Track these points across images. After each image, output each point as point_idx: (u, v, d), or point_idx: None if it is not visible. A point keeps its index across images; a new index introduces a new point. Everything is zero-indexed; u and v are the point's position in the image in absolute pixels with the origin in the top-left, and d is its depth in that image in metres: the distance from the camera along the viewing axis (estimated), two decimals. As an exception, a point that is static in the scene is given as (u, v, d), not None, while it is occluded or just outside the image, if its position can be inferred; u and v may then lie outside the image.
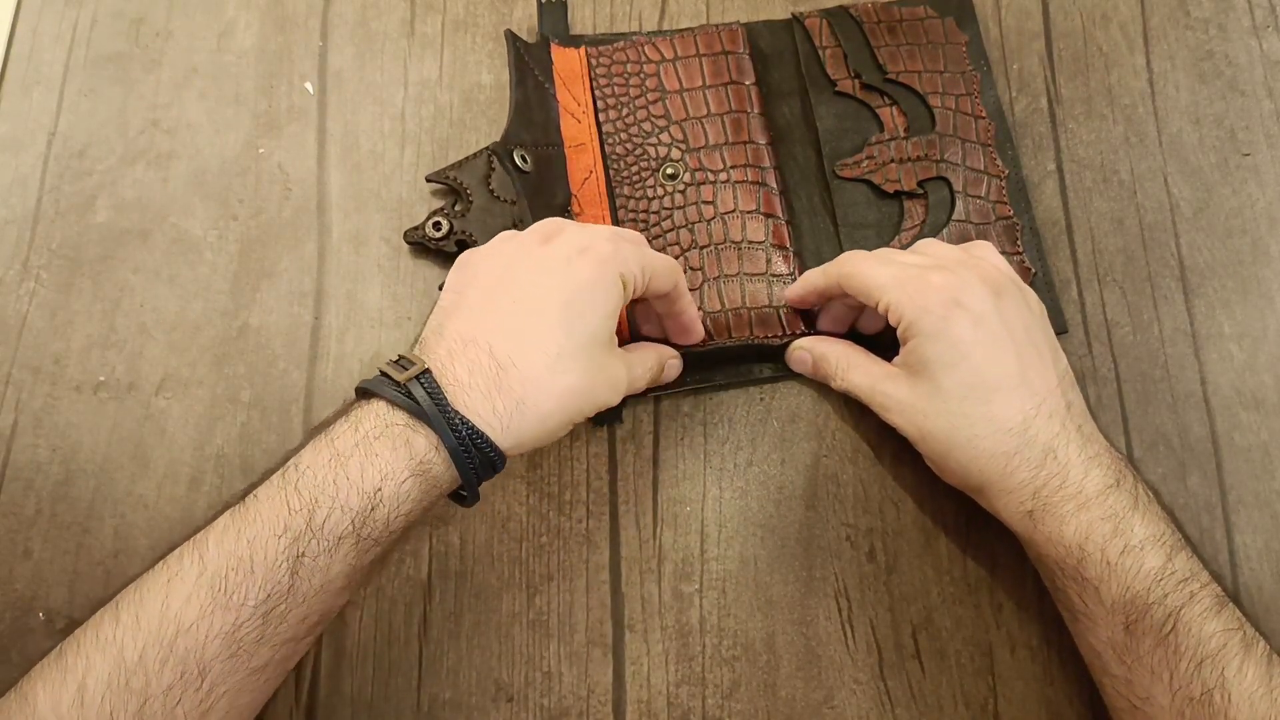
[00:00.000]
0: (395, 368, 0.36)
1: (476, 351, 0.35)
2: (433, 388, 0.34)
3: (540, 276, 0.37)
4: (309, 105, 0.51)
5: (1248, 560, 0.43)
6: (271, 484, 0.35)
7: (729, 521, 0.44)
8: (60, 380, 0.46)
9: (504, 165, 0.45)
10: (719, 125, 0.49)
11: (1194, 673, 0.35)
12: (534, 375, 0.35)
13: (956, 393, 0.38)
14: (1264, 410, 0.45)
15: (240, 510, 0.35)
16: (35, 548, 0.43)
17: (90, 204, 0.49)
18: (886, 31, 0.51)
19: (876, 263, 0.40)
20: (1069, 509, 0.37)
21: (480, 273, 0.38)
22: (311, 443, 0.35)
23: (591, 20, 0.53)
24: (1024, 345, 0.38)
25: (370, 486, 0.34)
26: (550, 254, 0.37)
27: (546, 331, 0.36)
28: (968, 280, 0.38)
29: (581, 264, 0.37)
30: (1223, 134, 0.50)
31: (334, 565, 0.34)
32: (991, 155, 0.48)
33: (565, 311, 0.36)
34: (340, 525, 0.33)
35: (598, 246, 0.37)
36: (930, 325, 0.38)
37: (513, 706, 0.42)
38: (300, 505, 0.33)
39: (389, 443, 0.34)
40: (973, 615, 0.43)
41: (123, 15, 0.53)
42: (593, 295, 0.36)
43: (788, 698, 0.42)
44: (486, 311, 0.36)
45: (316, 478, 0.34)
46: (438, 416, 0.34)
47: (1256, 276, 0.47)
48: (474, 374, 0.35)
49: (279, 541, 0.33)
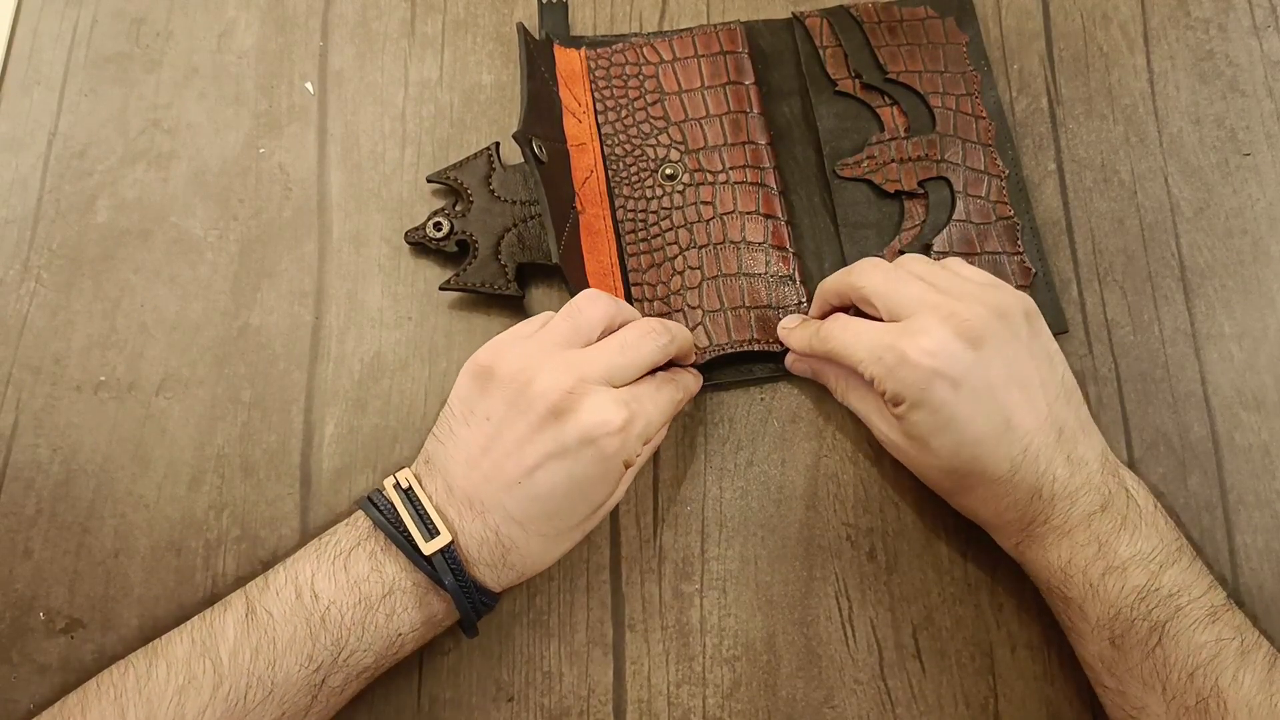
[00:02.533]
0: (416, 520, 0.37)
1: (483, 527, 0.37)
2: (455, 563, 0.37)
3: (548, 463, 0.37)
4: (309, 105, 0.51)
5: (1248, 560, 0.43)
6: (285, 602, 0.36)
7: (729, 521, 0.44)
8: (61, 380, 0.46)
9: (525, 153, 0.44)
10: (718, 126, 0.49)
11: (1186, 683, 0.35)
12: (534, 554, 0.38)
13: (945, 452, 0.39)
14: (1264, 410, 0.45)
15: (252, 624, 0.36)
16: (35, 547, 0.43)
17: (91, 204, 0.49)
18: (887, 31, 0.51)
19: (853, 335, 0.40)
20: (1052, 539, 0.38)
21: (495, 416, 0.38)
22: (328, 569, 0.37)
23: (592, 21, 0.53)
24: (1008, 390, 0.38)
25: (394, 633, 0.37)
26: (560, 438, 0.37)
27: (546, 519, 0.38)
28: (944, 341, 0.37)
29: (587, 457, 0.37)
30: (1223, 134, 0.50)
31: (350, 689, 0.38)
32: (992, 155, 0.48)
33: (566, 500, 0.38)
34: (364, 661, 0.37)
35: (605, 442, 0.36)
36: (911, 397, 0.38)
37: (513, 706, 0.42)
38: (328, 641, 0.36)
39: (415, 600, 0.37)
40: (973, 615, 0.43)
41: (123, 15, 0.53)
42: (594, 486, 0.38)
43: (788, 697, 0.42)
44: (493, 479, 0.37)
45: (344, 618, 0.36)
46: (458, 592, 0.37)
47: (1257, 276, 0.47)
48: (482, 549, 0.38)
49: (302, 670, 0.36)
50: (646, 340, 0.40)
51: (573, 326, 0.39)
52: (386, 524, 0.37)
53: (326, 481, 0.45)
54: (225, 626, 0.36)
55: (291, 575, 0.37)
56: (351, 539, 0.38)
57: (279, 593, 0.37)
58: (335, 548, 0.38)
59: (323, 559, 0.37)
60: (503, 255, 0.47)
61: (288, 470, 0.45)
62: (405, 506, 0.37)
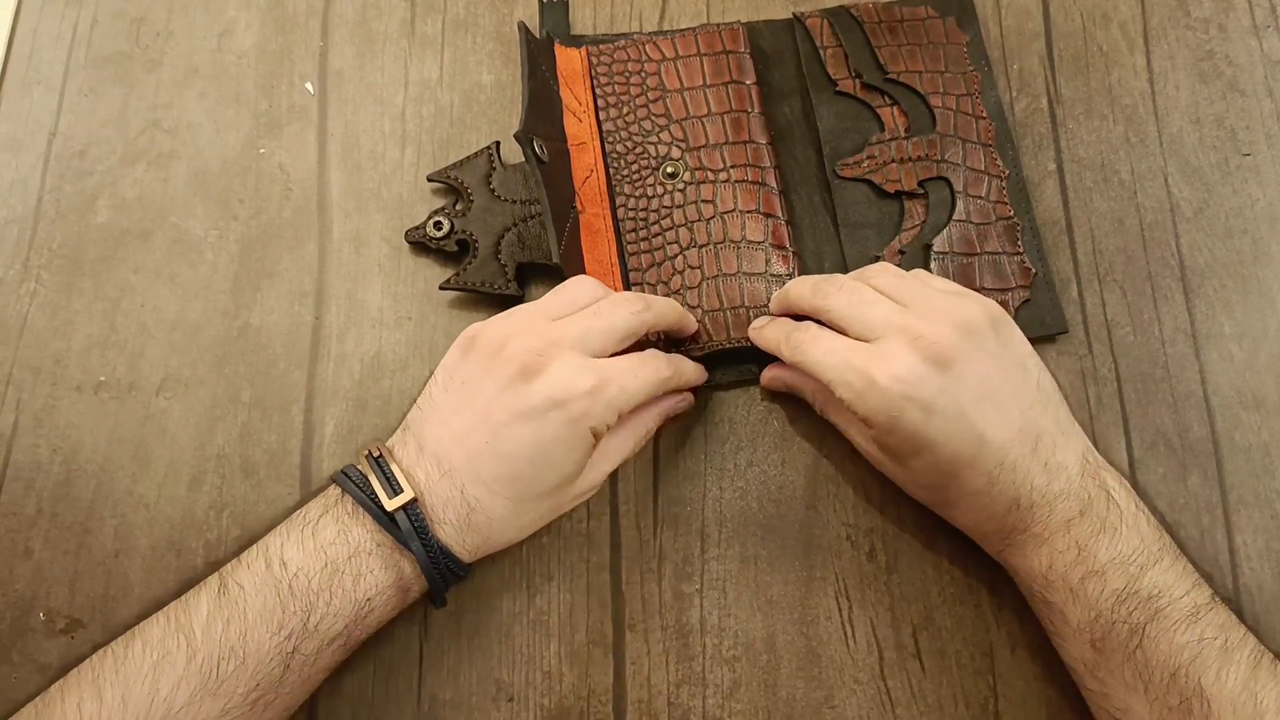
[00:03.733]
0: (382, 481, 0.37)
1: (450, 487, 0.38)
2: (418, 520, 0.37)
3: (514, 423, 0.37)
4: (309, 105, 0.51)
5: (1248, 560, 0.43)
6: (255, 573, 0.37)
7: (729, 521, 0.44)
8: (61, 380, 0.46)
9: (526, 153, 0.44)
10: (719, 124, 0.49)
11: (1169, 684, 0.35)
12: (499, 517, 0.38)
13: (923, 472, 0.39)
14: (1264, 410, 0.45)
15: (224, 598, 0.36)
16: (36, 547, 0.43)
17: (91, 204, 0.49)
18: (887, 31, 0.51)
19: (823, 351, 0.40)
20: (1032, 545, 0.38)
21: (470, 379, 0.38)
22: (296, 537, 0.37)
23: (592, 20, 0.53)
24: (979, 407, 0.37)
25: (362, 597, 0.37)
26: (528, 397, 0.37)
27: (510, 481, 0.38)
28: (911, 366, 0.37)
29: (554, 419, 0.37)
30: (1223, 134, 0.50)
31: (323, 659, 0.37)
32: (992, 155, 0.48)
33: (531, 464, 0.38)
34: (334, 628, 0.37)
35: (572, 405, 0.37)
36: (883, 422, 0.38)
37: (513, 706, 0.42)
38: (296, 607, 0.36)
39: (380, 561, 0.37)
40: (973, 615, 0.43)
41: (123, 15, 0.53)
42: (560, 450, 0.38)
43: (788, 698, 0.42)
44: (463, 440, 0.38)
45: (311, 583, 0.36)
46: (420, 551, 0.37)
47: (1257, 276, 0.47)
48: (447, 509, 0.38)
49: (273, 638, 0.36)
50: (621, 307, 0.40)
51: (557, 301, 0.40)
52: (353, 487, 0.37)
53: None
54: (199, 603, 0.36)
55: (263, 549, 0.38)
56: (320, 507, 0.38)
57: (249, 566, 0.37)
58: (304, 518, 0.38)
59: (292, 530, 0.38)
60: (503, 255, 0.47)
61: (288, 470, 0.45)
62: (373, 470, 0.38)
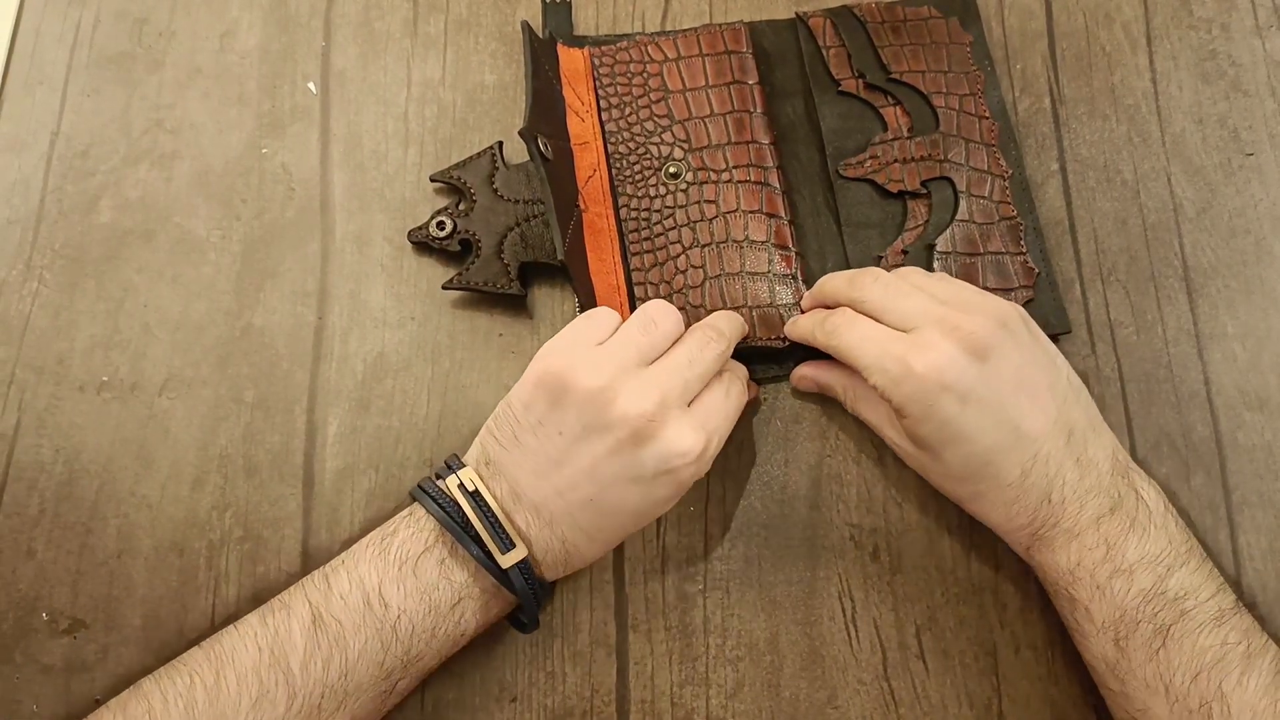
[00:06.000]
0: (489, 529, 0.37)
1: (551, 537, 0.38)
2: (529, 574, 0.38)
3: (622, 484, 0.37)
4: (312, 105, 0.51)
5: (1251, 560, 0.43)
6: (353, 610, 0.37)
7: (733, 522, 0.44)
8: (64, 380, 0.46)
9: (530, 151, 0.44)
10: (722, 125, 0.49)
11: (1190, 686, 0.35)
12: (591, 556, 0.40)
13: (955, 463, 0.39)
14: (1268, 410, 0.45)
15: (321, 634, 0.36)
16: (39, 548, 0.43)
17: (94, 204, 0.49)
18: (890, 31, 0.51)
19: (859, 337, 0.40)
20: (1061, 541, 0.38)
21: (571, 432, 0.37)
22: (394, 575, 0.37)
23: (594, 21, 0.53)
24: (1015, 399, 0.38)
25: (460, 633, 0.38)
26: (640, 466, 0.37)
27: (611, 530, 0.39)
28: (950, 356, 0.37)
29: (663, 482, 0.37)
30: (1226, 134, 0.50)
31: (414, 685, 0.39)
32: (995, 155, 0.48)
33: (634, 518, 0.39)
34: (431, 664, 0.38)
35: (682, 471, 0.37)
36: (918, 411, 0.38)
37: (516, 706, 0.42)
38: (399, 650, 0.37)
39: (483, 602, 0.38)
40: (977, 615, 0.43)
41: (126, 15, 0.53)
42: (663, 506, 0.39)
43: (791, 698, 0.42)
44: (564, 494, 0.38)
45: (415, 627, 0.37)
46: (529, 597, 0.38)
47: (1260, 276, 0.47)
48: (547, 554, 0.38)
49: (373, 677, 0.37)
50: (708, 350, 0.40)
51: (650, 342, 0.39)
52: (459, 530, 0.37)
53: (329, 482, 0.45)
54: (292, 634, 0.36)
55: (357, 580, 0.37)
56: (418, 543, 0.38)
57: (345, 598, 0.37)
58: (400, 551, 0.38)
59: (388, 563, 0.37)
60: (505, 254, 0.47)
61: (291, 470, 0.45)
62: (475, 511, 0.37)
